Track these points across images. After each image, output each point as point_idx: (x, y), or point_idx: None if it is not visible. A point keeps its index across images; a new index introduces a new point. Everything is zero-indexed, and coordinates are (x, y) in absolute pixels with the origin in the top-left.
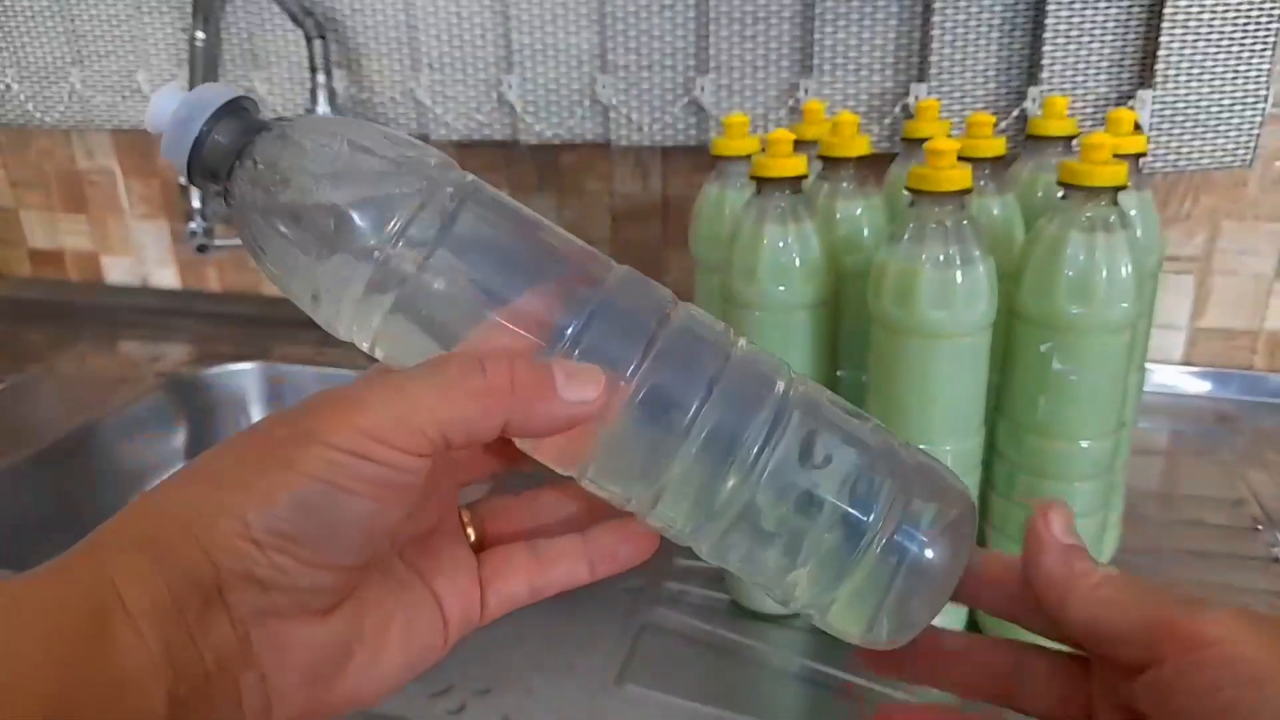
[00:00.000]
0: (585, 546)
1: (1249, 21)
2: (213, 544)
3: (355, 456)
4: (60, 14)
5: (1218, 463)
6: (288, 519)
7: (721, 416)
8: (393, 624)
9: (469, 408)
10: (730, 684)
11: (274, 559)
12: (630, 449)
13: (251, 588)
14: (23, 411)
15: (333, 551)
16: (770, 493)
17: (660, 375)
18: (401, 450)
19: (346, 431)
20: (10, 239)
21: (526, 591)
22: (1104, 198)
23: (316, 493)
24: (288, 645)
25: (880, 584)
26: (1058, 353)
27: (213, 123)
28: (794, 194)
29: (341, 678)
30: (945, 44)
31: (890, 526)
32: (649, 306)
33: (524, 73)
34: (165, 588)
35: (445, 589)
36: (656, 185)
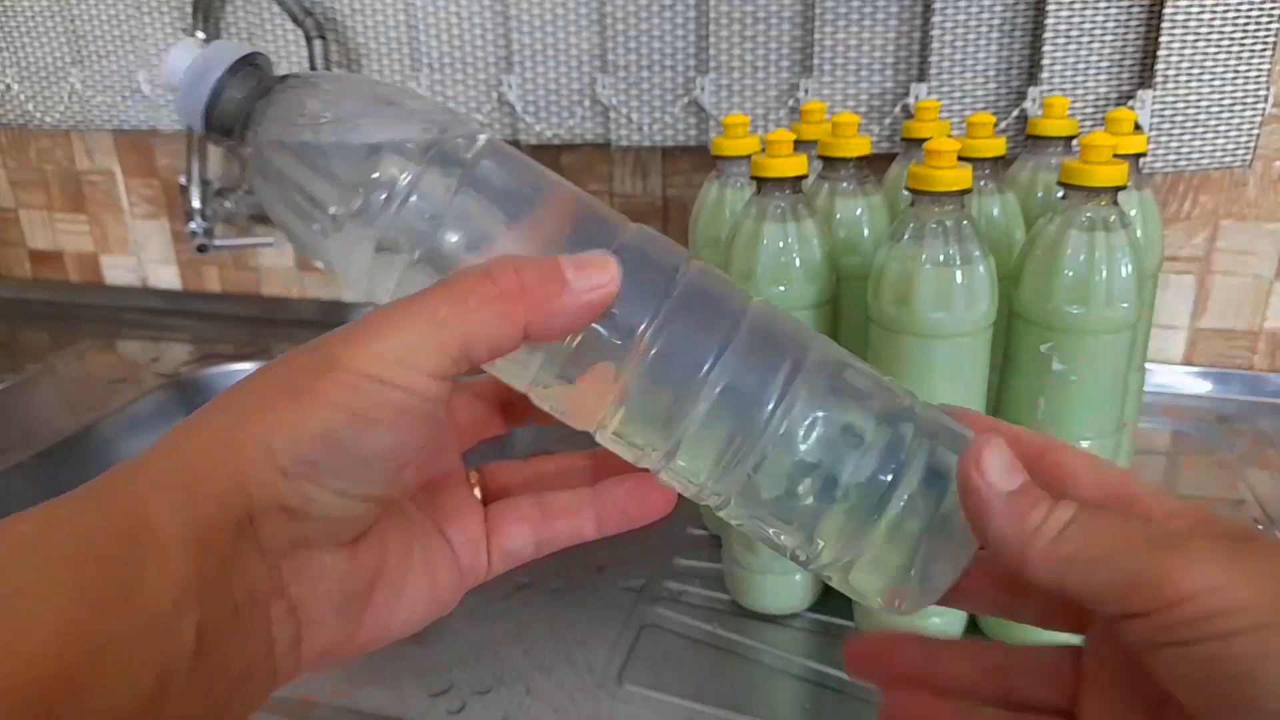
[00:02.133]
0: (593, 500)
1: (1249, 21)
2: (242, 474)
3: (378, 383)
4: (60, 14)
5: (1218, 463)
6: (314, 448)
7: (745, 364)
8: (414, 562)
9: (485, 316)
10: (730, 684)
11: (302, 488)
12: (653, 397)
13: (281, 517)
14: (23, 411)
15: (360, 481)
16: (785, 453)
17: (683, 321)
18: (425, 372)
19: (366, 357)
20: (10, 239)
21: (531, 544)
22: (1104, 198)
23: (342, 421)
24: (317, 575)
25: (904, 543)
26: (1058, 353)
27: (227, 78)
28: (794, 194)
29: (369, 610)
30: (945, 44)
31: (915, 485)
32: (667, 257)
33: (524, 73)
34: (196, 518)
35: (455, 534)
36: (656, 185)
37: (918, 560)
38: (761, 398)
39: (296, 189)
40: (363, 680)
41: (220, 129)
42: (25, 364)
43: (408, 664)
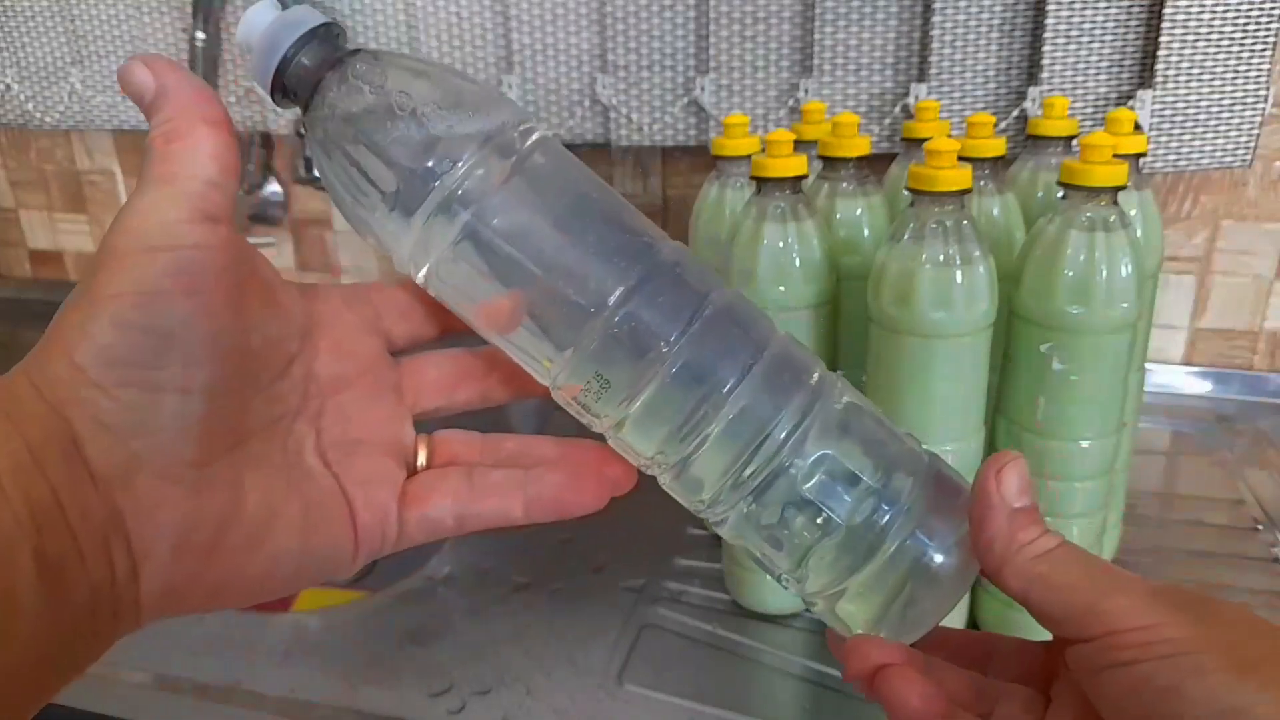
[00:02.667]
0: (525, 484)
1: (1249, 21)
2: (55, 397)
3: (148, 251)
4: (60, 14)
5: (1218, 463)
6: (112, 343)
7: (752, 400)
8: (284, 509)
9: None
10: (730, 684)
11: (121, 395)
12: (661, 414)
13: (108, 438)
14: None
15: (174, 366)
16: (787, 484)
17: (699, 349)
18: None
19: (129, 234)
20: (10, 239)
21: (451, 518)
22: (1104, 198)
23: (128, 304)
24: (153, 504)
25: (891, 583)
26: (1058, 353)
27: (301, 44)
28: (794, 194)
29: (217, 554)
30: (945, 44)
31: (900, 534)
32: (698, 282)
33: (524, 73)
34: (24, 445)
35: (359, 496)
36: (656, 185)
37: (900, 600)
38: (774, 428)
39: (352, 164)
40: (363, 680)
41: (287, 94)
42: None
43: (408, 664)
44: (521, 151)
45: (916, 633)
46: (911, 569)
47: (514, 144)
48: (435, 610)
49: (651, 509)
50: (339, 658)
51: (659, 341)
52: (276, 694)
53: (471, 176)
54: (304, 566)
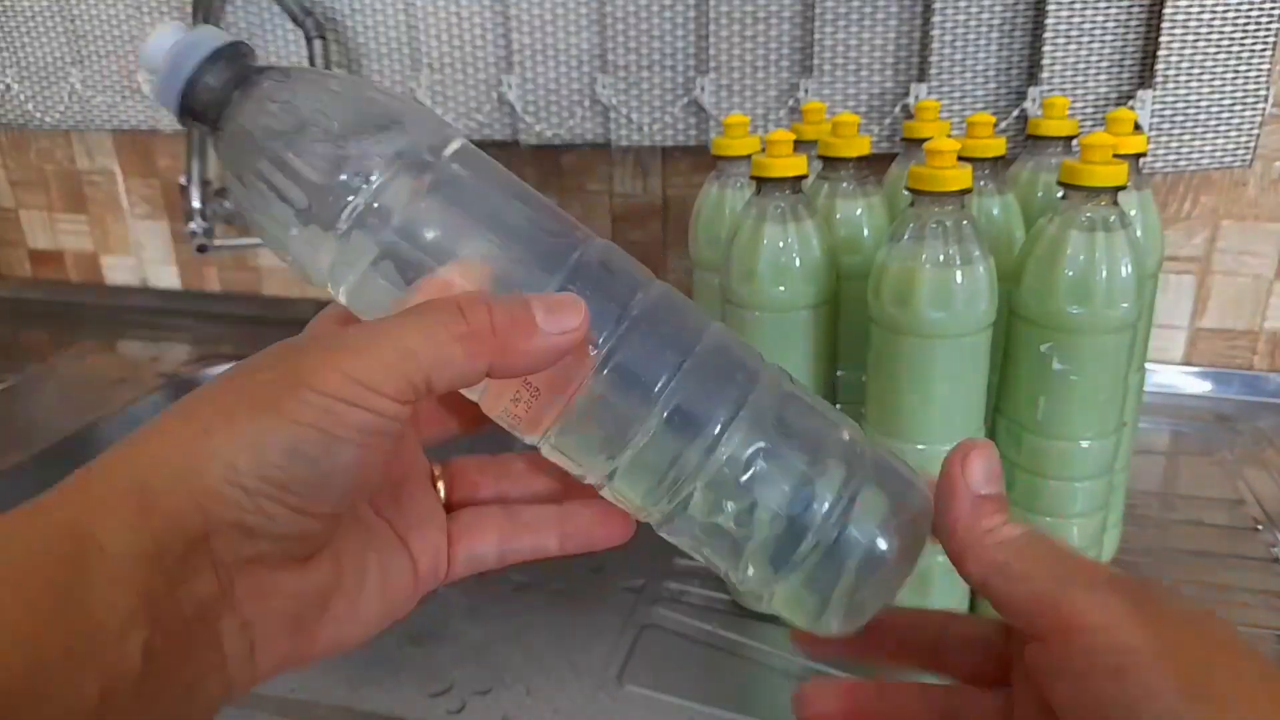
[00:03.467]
0: (560, 521)
1: (1249, 21)
2: (203, 491)
3: (345, 403)
4: (60, 14)
5: (1218, 463)
6: (280, 465)
7: (686, 396)
8: (369, 572)
9: (454, 352)
10: (730, 684)
11: (264, 506)
12: (593, 420)
13: (238, 535)
14: (23, 411)
15: (321, 499)
16: (727, 478)
17: (630, 348)
18: (389, 397)
19: (336, 377)
20: (10, 239)
21: (495, 553)
22: (1104, 198)
23: (309, 440)
24: (271, 592)
25: (830, 573)
26: (1058, 353)
27: (206, 65)
28: (794, 194)
29: (322, 624)
30: (945, 44)
31: (844, 519)
32: (626, 279)
33: (524, 73)
34: (149, 535)
35: (415, 540)
36: (656, 185)
37: (843, 589)
38: (706, 426)
39: (266, 184)
40: (363, 680)
41: (195, 115)
42: (25, 364)
43: (408, 664)
44: (438, 164)
45: (860, 620)
46: (853, 558)
47: (430, 157)
48: (435, 610)
49: None
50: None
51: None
52: (276, 694)
53: (387, 192)
54: (384, 614)
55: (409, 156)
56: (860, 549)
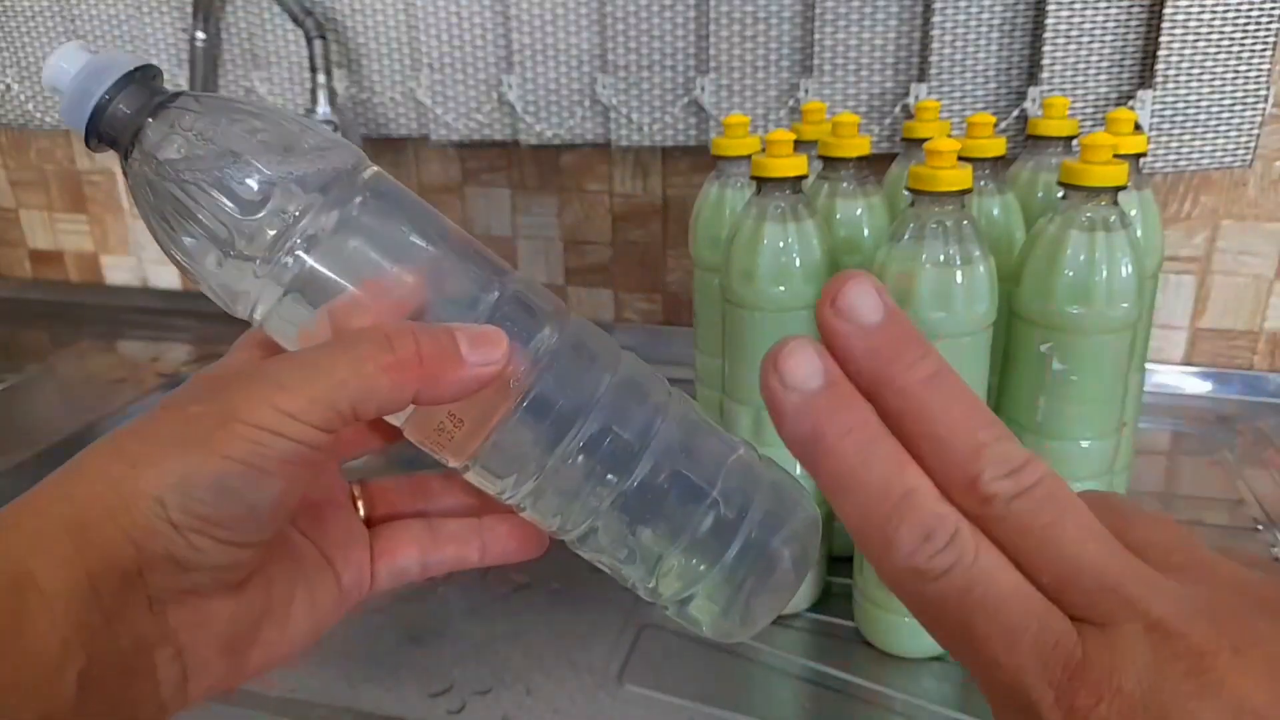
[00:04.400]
0: (479, 533)
1: (1249, 21)
2: (133, 526)
3: (273, 435)
4: (60, 14)
5: (1218, 463)
6: (206, 501)
7: (598, 426)
8: (296, 593)
9: (382, 382)
10: (730, 684)
11: (193, 540)
12: (511, 448)
13: (170, 567)
14: (23, 411)
15: (248, 530)
16: (635, 501)
17: (547, 381)
18: (316, 427)
19: (265, 410)
20: (10, 239)
21: (417, 566)
22: (1104, 198)
23: (235, 474)
24: (204, 621)
25: (734, 583)
26: (1058, 353)
27: (116, 89)
28: (794, 194)
29: (254, 646)
30: (945, 44)
31: (742, 536)
32: (543, 314)
33: (524, 73)
34: (84, 571)
35: (339, 558)
36: (656, 185)
37: (742, 597)
38: (617, 453)
39: (178, 212)
40: (363, 680)
41: (104, 140)
42: (25, 364)
43: (408, 664)
44: (354, 193)
45: (753, 630)
46: (753, 568)
47: (347, 187)
48: (435, 610)
49: None
50: (339, 658)
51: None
52: (276, 694)
53: (303, 222)
54: (312, 633)
55: (326, 186)
56: (757, 564)
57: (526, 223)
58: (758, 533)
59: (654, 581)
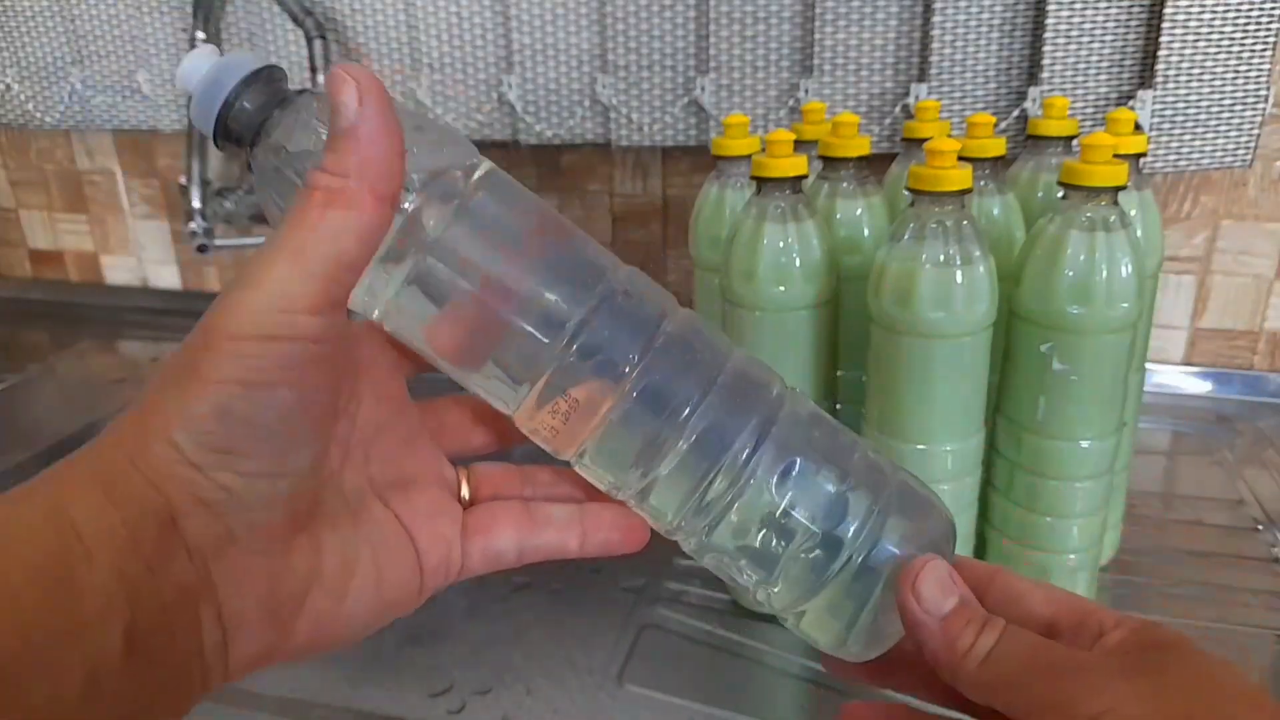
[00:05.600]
0: (581, 521)
1: (1249, 21)
2: (154, 473)
3: (261, 340)
4: (60, 14)
5: (1218, 463)
6: (215, 432)
7: (712, 420)
8: (358, 568)
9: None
10: (730, 684)
11: (217, 478)
12: (624, 440)
13: (204, 513)
14: (23, 411)
15: (271, 455)
16: (751, 501)
17: (659, 371)
18: (304, 310)
19: (244, 318)
20: (10, 239)
21: (514, 549)
22: (1104, 198)
23: (235, 397)
24: (245, 576)
25: (854, 599)
26: (1058, 353)
27: (241, 88)
28: (794, 194)
29: (302, 618)
30: (945, 44)
31: (867, 544)
32: (653, 305)
33: (524, 73)
34: (120, 521)
35: (423, 533)
36: (656, 185)
37: (869, 612)
38: (736, 447)
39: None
40: (363, 680)
41: (232, 138)
42: (25, 364)
43: (408, 664)
44: (469, 187)
45: (882, 647)
46: (880, 577)
47: (462, 179)
48: (435, 610)
49: None
50: (339, 658)
51: (617, 368)
52: (276, 694)
53: (424, 209)
54: (378, 610)
55: (443, 179)
56: (889, 564)
57: None
58: (889, 537)
59: (774, 586)
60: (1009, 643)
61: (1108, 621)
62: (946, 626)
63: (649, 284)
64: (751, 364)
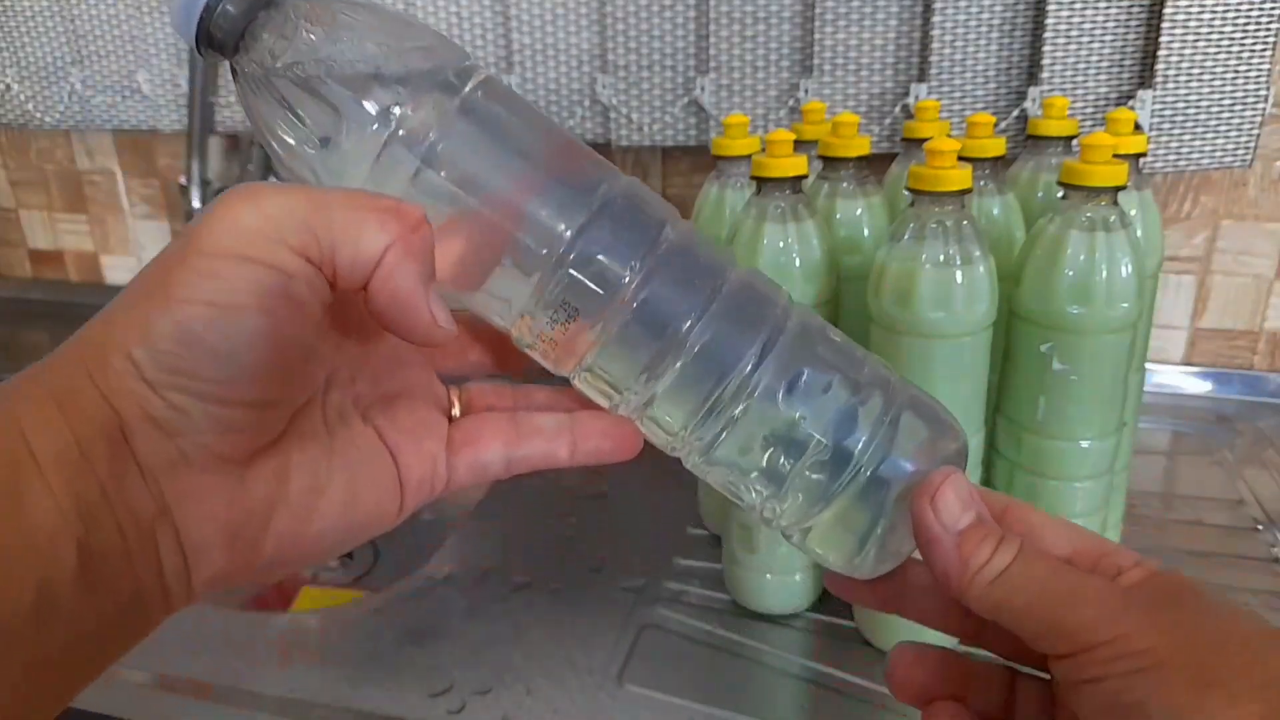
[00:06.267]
0: (571, 428)
1: (1249, 21)
2: (109, 387)
3: (238, 260)
4: (60, 14)
5: (1218, 463)
6: (173, 351)
7: (718, 328)
8: (329, 489)
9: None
10: (730, 684)
11: (170, 398)
12: (627, 349)
13: (155, 432)
14: None
15: (230, 383)
16: (760, 410)
17: (661, 279)
18: (289, 246)
19: (227, 233)
20: (10, 239)
21: (500, 460)
22: (1104, 198)
23: (199, 318)
24: (201, 498)
25: (863, 513)
26: (1058, 353)
27: None
28: (794, 194)
29: (266, 537)
30: (945, 44)
31: (878, 455)
32: (653, 213)
33: (524, 73)
34: (72, 436)
35: (406, 449)
36: (656, 185)
37: (878, 526)
38: (741, 356)
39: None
40: (363, 680)
41: (214, 43)
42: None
43: (408, 664)
44: (468, 89)
45: (893, 561)
46: (892, 487)
47: (460, 81)
48: (435, 610)
49: (651, 509)
50: (339, 658)
51: (619, 274)
52: (276, 694)
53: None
54: (350, 531)
55: (441, 79)
56: (900, 477)
57: None
58: (901, 445)
59: (784, 500)
60: (1024, 563)
61: (1125, 561)
62: (962, 540)
63: (649, 195)
64: (754, 276)
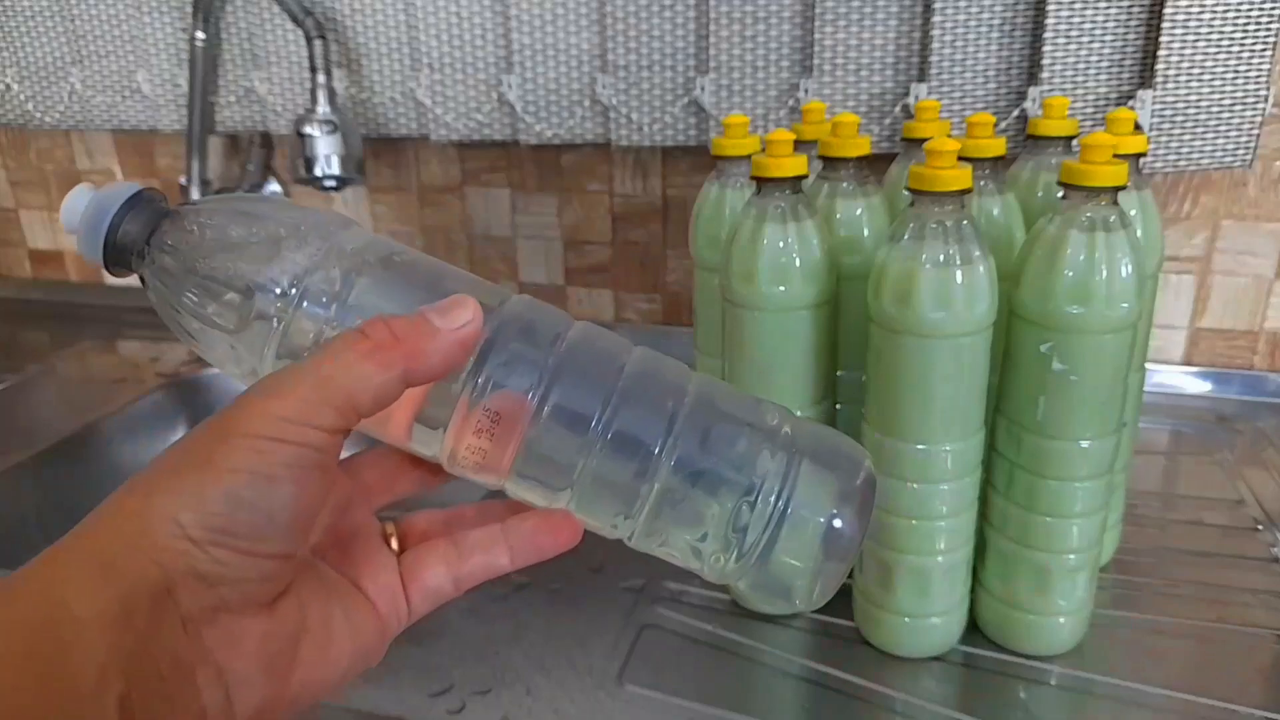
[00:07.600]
0: (505, 536)
1: (1249, 21)
2: (155, 549)
3: (274, 442)
4: (60, 14)
5: (1218, 463)
6: (221, 513)
7: (624, 417)
8: (334, 619)
9: (365, 369)
10: (730, 684)
11: (213, 553)
12: (544, 456)
13: (198, 584)
14: (23, 411)
15: (266, 539)
16: (677, 483)
17: (562, 387)
18: (316, 428)
19: (263, 419)
20: (10, 239)
21: (449, 583)
22: (1104, 198)
23: (244, 484)
24: (240, 637)
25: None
26: (1058, 353)
27: (122, 214)
28: (794, 194)
29: (296, 666)
30: (945, 44)
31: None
32: (547, 326)
33: (524, 73)
34: (114, 597)
35: (370, 587)
36: (656, 185)
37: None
38: (647, 440)
39: (189, 311)
40: (363, 680)
41: (120, 262)
42: (25, 364)
43: (408, 664)
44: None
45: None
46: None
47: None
48: (435, 610)
49: None
50: None
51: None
52: None
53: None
54: (355, 661)
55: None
56: (810, 524)
57: (526, 223)
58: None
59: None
60: None
61: None
62: None
63: (541, 308)
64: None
